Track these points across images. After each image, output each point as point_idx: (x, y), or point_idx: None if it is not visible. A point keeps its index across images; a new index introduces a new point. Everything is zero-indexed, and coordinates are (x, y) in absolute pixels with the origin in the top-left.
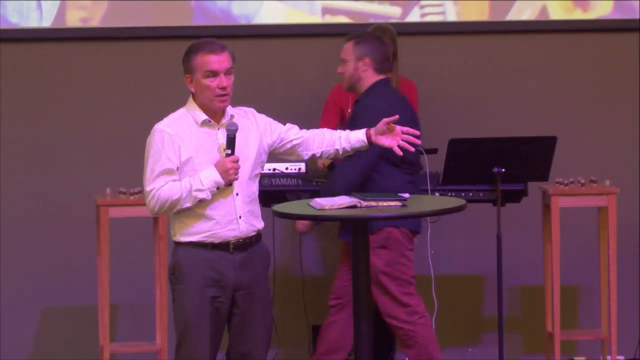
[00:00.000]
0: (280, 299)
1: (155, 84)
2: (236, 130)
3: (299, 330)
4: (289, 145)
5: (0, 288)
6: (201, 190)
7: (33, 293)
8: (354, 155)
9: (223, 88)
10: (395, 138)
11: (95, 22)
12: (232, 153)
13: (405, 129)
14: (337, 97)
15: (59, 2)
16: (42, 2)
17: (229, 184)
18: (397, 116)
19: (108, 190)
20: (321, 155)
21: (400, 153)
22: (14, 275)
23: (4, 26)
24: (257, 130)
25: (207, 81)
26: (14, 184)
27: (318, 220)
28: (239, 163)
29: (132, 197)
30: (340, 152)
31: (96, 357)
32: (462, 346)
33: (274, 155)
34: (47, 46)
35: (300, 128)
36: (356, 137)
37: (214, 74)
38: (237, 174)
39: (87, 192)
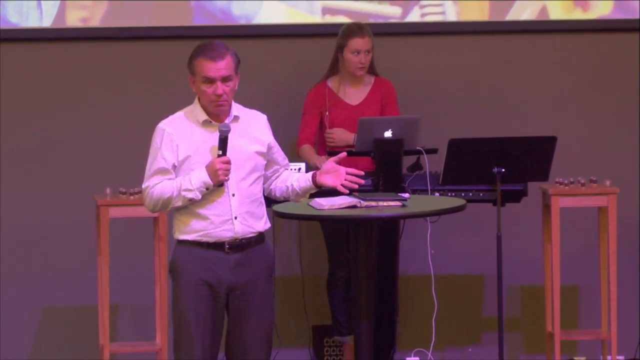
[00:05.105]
0: (280, 299)
1: (155, 84)
2: (228, 131)
3: (299, 330)
4: (267, 168)
5: (0, 288)
6: (190, 190)
7: (33, 293)
8: None
9: (218, 96)
10: (339, 177)
11: (95, 22)
12: (224, 154)
13: (351, 170)
14: (316, 98)
15: (59, 2)
16: (42, 2)
17: (220, 184)
18: (344, 153)
19: (108, 190)
20: (273, 190)
21: (346, 191)
22: (14, 275)
23: (4, 26)
24: (259, 135)
25: (204, 87)
26: (14, 184)
27: (319, 220)
28: (234, 164)
29: (132, 197)
30: (290, 190)
31: (96, 357)
32: (462, 346)
33: None
34: (47, 46)
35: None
36: (305, 177)
37: (210, 80)
38: (227, 175)
39: (87, 192)
